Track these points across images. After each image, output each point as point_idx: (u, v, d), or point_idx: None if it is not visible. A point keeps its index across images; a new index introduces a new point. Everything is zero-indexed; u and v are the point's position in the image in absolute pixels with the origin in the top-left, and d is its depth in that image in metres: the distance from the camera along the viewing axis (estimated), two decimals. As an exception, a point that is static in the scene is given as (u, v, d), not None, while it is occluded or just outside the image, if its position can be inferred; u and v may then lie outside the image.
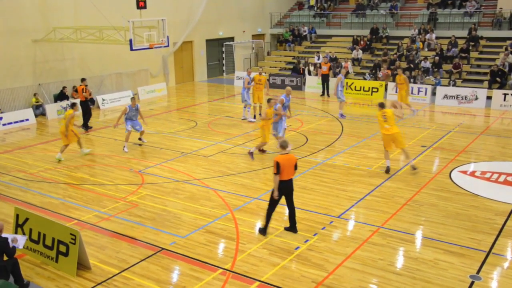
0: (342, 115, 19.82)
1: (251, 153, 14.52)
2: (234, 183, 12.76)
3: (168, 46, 20.64)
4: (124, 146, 15.76)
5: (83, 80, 18.69)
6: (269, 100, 14.21)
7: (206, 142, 16.56)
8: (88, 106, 18.71)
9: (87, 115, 18.67)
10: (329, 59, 26.91)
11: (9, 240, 7.96)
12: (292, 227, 9.92)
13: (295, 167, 9.55)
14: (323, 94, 24.85)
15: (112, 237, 9.93)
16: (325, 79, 24.73)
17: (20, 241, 8.21)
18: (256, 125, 18.27)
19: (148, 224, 10.43)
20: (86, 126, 18.63)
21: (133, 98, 16.19)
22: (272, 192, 9.57)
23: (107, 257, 9.08)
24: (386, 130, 13.16)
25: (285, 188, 9.56)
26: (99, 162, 14.84)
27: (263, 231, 9.83)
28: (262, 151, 15.02)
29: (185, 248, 9.37)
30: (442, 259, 8.84)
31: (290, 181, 9.61)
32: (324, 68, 24.68)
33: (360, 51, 28.07)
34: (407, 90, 20.03)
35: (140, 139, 16.45)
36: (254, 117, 19.39)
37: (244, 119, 19.47)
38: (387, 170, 13.23)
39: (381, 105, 13.53)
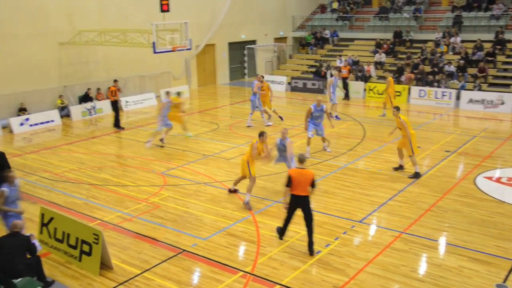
0: (336, 117, 19.95)
1: (247, 203, 11.52)
2: (255, 186, 12.73)
3: (190, 49, 20.79)
4: (161, 139, 16.59)
5: (115, 81, 19.16)
6: (261, 134, 11.98)
7: (228, 144, 16.61)
8: (118, 106, 19.13)
9: (118, 115, 19.14)
10: (349, 63, 26.77)
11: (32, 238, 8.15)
12: (308, 248, 9.22)
13: (312, 185, 9.02)
14: (345, 98, 24.72)
15: (134, 237, 10.03)
16: (345, 83, 24.61)
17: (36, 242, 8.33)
18: (274, 128, 18.23)
19: (169, 226, 10.50)
20: (118, 126, 18.96)
21: (168, 93, 17.14)
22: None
23: (129, 258, 9.17)
24: (413, 131, 13.47)
25: (298, 204, 9.14)
26: (122, 163, 15.02)
27: (280, 231, 9.73)
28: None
29: (206, 250, 9.41)
30: (467, 266, 8.68)
31: (305, 198, 9.05)
32: (344, 72, 24.56)
33: (383, 55, 27.83)
34: (391, 92, 20.47)
35: (161, 139, 16.61)
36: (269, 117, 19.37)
37: (249, 126, 19.03)
38: (417, 175, 13.19)
39: (399, 109, 13.97)
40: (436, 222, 10.48)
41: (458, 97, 22.57)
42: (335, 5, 34.36)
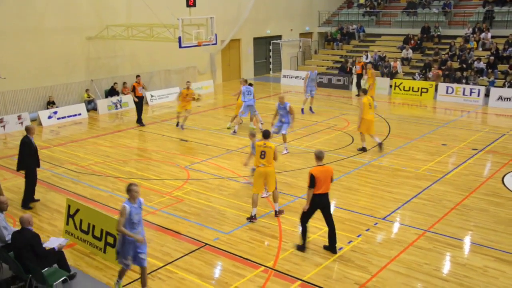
0: (310, 110, 20.32)
1: (280, 212, 10.91)
2: (278, 181, 12.66)
3: (216, 43, 20.84)
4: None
5: (137, 76, 19.06)
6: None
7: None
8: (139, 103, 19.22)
9: (141, 111, 19.18)
10: (375, 59, 26.56)
11: (51, 244, 8.18)
12: (331, 247, 9.04)
13: (331, 180, 8.89)
14: (358, 94, 24.49)
15: (157, 230, 10.14)
16: (358, 79, 24.40)
17: (55, 242, 8.36)
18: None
19: (192, 219, 10.59)
20: (140, 122, 19.15)
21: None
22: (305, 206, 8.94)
23: (152, 250, 9.27)
24: (370, 116, 14.60)
25: (321, 203, 8.85)
26: (146, 157, 15.19)
27: (301, 248, 9.12)
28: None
29: (228, 245, 9.45)
30: (493, 266, 8.52)
31: (326, 195, 8.85)
32: (358, 68, 24.31)
33: (410, 51, 27.41)
34: (373, 84, 21.10)
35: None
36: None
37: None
38: (364, 149, 14.82)
39: (366, 91, 15.02)
40: (462, 221, 10.30)
41: (487, 94, 22.07)
42: (362, 0, 33.96)
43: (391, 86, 24.76)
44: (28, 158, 11.20)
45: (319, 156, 8.86)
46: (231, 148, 15.70)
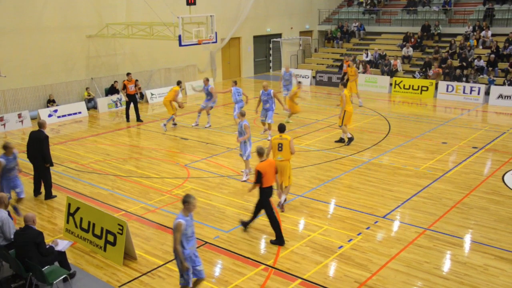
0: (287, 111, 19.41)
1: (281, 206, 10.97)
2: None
3: (216, 42, 20.84)
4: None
5: (128, 74, 19.29)
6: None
7: (252, 138, 16.58)
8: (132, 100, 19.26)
9: (137, 108, 19.32)
10: (375, 57, 26.54)
11: (54, 244, 8.18)
12: (278, 239, 9.31)
13: (276, 172, 9.43)
14: None
15: (157, 229, 10.15)
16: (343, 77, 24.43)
17: (61, 245, 8.33)
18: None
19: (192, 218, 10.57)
20: (138, 119, 19.23)
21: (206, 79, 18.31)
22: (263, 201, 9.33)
23: (152, 248, 9.29)
24: (351, 108, 15.32)
25: (270, 194, 9.38)
26: (146, 155, 15.19)
27: (245, 224, 9.85)
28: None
29: (228, 243, 9.46)
30: (493, 265, 8.52)
31: (272, 188, 9.41)
32: (345, 66, 24.28)
33: (411, 49, 27.37)
34: (356, 81, 21.25)
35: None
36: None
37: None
38: (350, 140, 15.35)
39: (345, 85, 15.63)
40: (462, 219, 10.30)
41: (487, 93, 22.06)
42: (362, -2, 33.95)
43: (391, 84, 24.75)
44: (47, 154, 11.52)
45: (260, 152, 9.43)
46: (231, 146, 15.70)
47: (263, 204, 9.36)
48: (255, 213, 9.63)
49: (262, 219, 10.43)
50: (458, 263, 8.63)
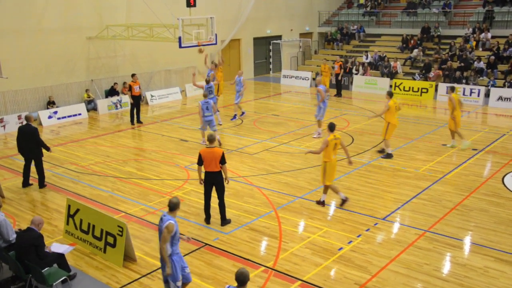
0: (234, 117, 19.50)
1: (344, 201, 11.16)
2: (278, 181, 12.76)
3: (216, 43, 20.85)
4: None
5: (133, 75, 19.32)
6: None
7: (251, 139, 16.64)
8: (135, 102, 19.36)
9: (139, 109, 19.40)
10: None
11: (55, 248, 8.17)
12: (222, 219, 10.31)
13: (222, 161, 9.75)
14: (337, 95, 24.49)
15: (157, 230, 10.11)
16: (337, 79, 24.42)
17: (62, 248, 8.33)
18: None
19: (192, 219, 10.59)
20: (133, 121, 19.26)
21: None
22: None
23: (152, 250, 9.29)
24: (396, 120, 14.32)
25: (210, 180, 9.94)
26: (146, 157, 15.19)
27: (206, 220, 10.40)
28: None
29: (228, 245, 9.45)
30: (493, 267, 8.52)
31: (215, 173, 9.85)
32: (336, 68, 24.26)
33: (416, 50, 27.33)
34: (329, 78, 22.63)
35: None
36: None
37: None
38: (388, 156, 14.41)
39: (391, 94, 14.30)
40: (461, 221, 10.30)
41: (487, 95, 22.07)
42: (362, 0, 33.97)
43: (391, 86, 24.77)
44: (43, 144, 12.25)
45: (210, 139, 9.91)
46: (231, 148, 15.70)
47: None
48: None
49: (262, 220, 10.43)
50: (458, 265, 8.62)
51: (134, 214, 10.90)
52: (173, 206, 7.08)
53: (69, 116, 20.46)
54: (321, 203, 11.16)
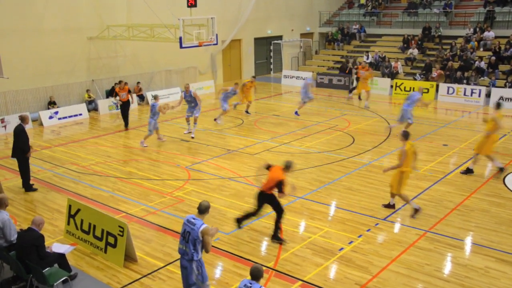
0: (216, 120, 18.79)
1: (416, 210, 10.62)
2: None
3: (216, 44, 20.85)
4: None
5: (119, 82, 18.73)
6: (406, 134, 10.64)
7: (252, 140, 16.64)
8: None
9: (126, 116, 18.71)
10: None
11: (56, 250, 8.17)
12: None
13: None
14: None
15: (158, 230, 10.14)
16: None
17: (62, 248, 8.33)
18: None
19: (193, 220, 10.57)
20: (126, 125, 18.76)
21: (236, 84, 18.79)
22: None
23: (152, 250, 9.29)
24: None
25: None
26: (147, 157, 15.19)
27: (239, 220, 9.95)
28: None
29: (229, 245, 9.45)
30: (494, 267, 8.51)
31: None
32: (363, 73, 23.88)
33: (416, 50, 27.34)
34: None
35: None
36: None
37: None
38: (502, 170, 12.97)
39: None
40: (462, 221, 10.29)
41: (488, 95, 22.05)
42: (363, 0, 33.97)
43: (391, 86, 24.76)
44: (24, 145, 11.99)
45: (287, 166, 9.31)
46: (232, 148, 15.70)
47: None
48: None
49: (263, 220, 10.43)
50: (459, 265, 8.62)
51: (135, 214, 10.90)
52: (204, 209, 7.01)
53: (70, 116, 20.47)
54: (391, 206, 10.91)
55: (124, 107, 18.63)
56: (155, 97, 15.89)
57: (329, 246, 9.29)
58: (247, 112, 20.46)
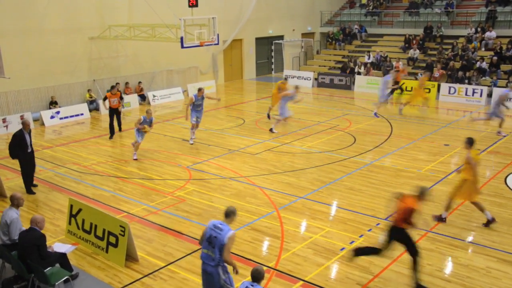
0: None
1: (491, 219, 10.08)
2: (280, 181, 12.75)
3: (218, 44, 20.85)
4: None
5: (112, 87, 17.58)
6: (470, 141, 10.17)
7: (253, 140, 16.64)
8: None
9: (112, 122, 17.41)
10: (377, 59, 26.31)
11: (57, 248, 8.18)
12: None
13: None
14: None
15: (159, 230, 10.15)
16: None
17: (64, 247, 8.34)
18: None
19: (194, 219, 10.59)
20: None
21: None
22: None
23: (154, 250, 9.29)
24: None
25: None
26: (148, 157, 15.20)
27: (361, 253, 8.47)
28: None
29: (230, 245, 9.43)
30: (495, 267, 8.50)
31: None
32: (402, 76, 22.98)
33: (418, 50, 27.32)
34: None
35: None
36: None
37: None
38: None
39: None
40: (464, 221, 10.28)
41: (489, 95, 22.01)
42: (364, 0, 33.94)
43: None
44: (18, 149, 12.00)
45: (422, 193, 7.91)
46: (233, 148, 15.70)
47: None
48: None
49: (264, 220, 10.43)
50: (461, 265, 8.61)
51: (136, 214, 10.90)
52: (229, 214, 7.02)
53: (71, 116, 20.49)
54: (443, 219, 10.27)
55: (112, 114, 17.22)
56: (200, 90, 15.99)
57: (330, 246, 9.28)
58: (268, 116, 19.39)
